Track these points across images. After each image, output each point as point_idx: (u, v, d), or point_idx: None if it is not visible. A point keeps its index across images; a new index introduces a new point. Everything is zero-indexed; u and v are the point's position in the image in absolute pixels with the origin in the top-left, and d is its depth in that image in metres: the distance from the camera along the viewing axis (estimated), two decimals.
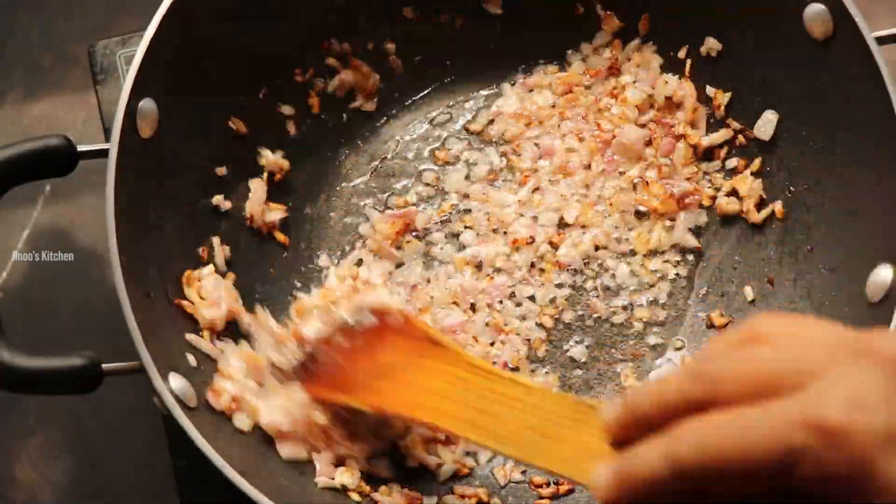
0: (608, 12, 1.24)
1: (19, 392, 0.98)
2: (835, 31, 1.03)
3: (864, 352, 0.60)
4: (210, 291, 1.10)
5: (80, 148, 1.02)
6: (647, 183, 1.20)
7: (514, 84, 1.27)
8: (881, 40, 1.01)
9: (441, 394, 0.94)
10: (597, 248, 1.19)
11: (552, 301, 1.17)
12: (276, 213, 1.20)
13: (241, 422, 1.04)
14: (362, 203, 1.24)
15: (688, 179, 1.20)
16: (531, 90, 1.26)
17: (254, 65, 1.18)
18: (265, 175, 1.20)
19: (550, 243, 1.19)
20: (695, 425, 0.61)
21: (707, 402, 0.61)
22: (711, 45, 1.18)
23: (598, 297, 1.18)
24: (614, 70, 1.25)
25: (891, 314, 0.94)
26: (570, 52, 1.27)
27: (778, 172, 1.16)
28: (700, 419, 0.61)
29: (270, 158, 1.20)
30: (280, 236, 1.20)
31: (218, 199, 1.16)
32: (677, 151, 1.20)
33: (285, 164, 1.21)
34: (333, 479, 1.03)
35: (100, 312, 1.24)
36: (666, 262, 1.19)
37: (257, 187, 1.19)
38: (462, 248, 1.20)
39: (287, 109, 1.23)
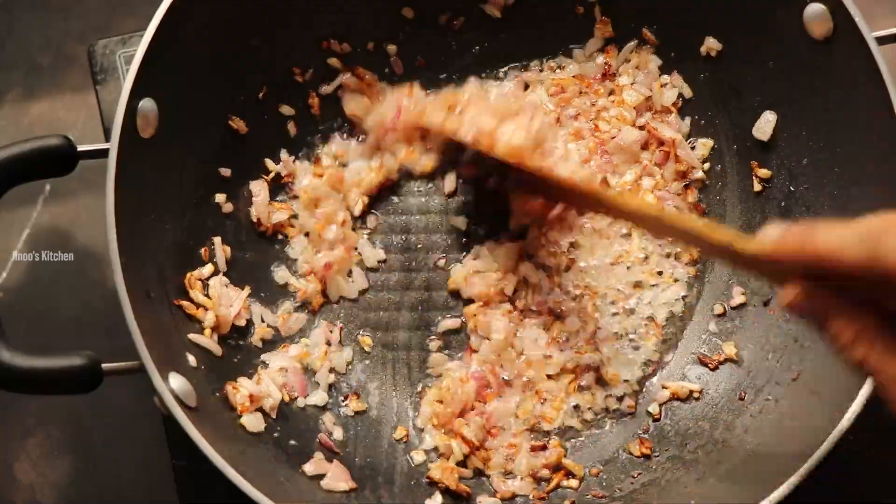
0: (604, 18, 1.24)
1: (19, 392, 0.98)
2: (835, 31, 1.03)
3: None
4: (219, 291, 1.10)
5: (80, 148, 1.02)
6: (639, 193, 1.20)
7: (507, 78, 1.27)
8: (881, 40, 1.01)
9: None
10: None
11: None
12: (282, 213, 1.20)
13: (252, 423, 1.05)
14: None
15: (679, 194, 1.21)
16: (526, 87, 1.26)
17: (253, 65, 1.18)
18: (269, 176, 1.21)
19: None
20: None
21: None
22: (711, 44, 1.18)
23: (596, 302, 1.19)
24: (608, 76, 1.25)
25: None
26: (561, 56, 1.27)
27: (778, 172, 1.16)
28: None
29: (280, 164, 1.21)
30: (291, 231, 1.21)
31: (220, 199, 1.16)
32: (668, 167, 1.21)
33: (294, 167, 1.22)
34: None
35: (100, 312, 1.24)
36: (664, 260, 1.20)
37: (260, 189, 1.19)
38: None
39: (287, 110, 1.23)
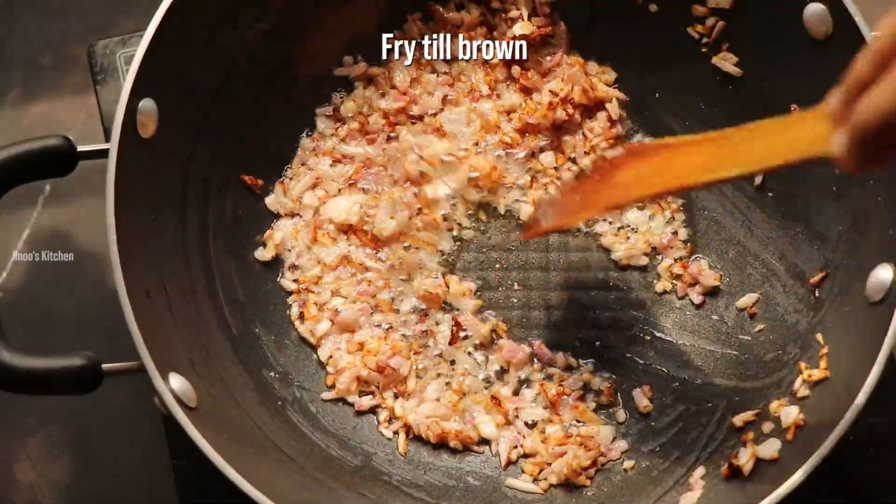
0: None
1: (19, 392, 0.98)
2: (835, 31, 1.03)
3: None
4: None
5: (80, 148, 1.02)
6: None
7: None
8: None
9: (677, 169, 0.98)
10: None
11: None
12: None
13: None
14: None
15: None
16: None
17: (254, 64, 1.18)
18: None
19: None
20: None
21: None
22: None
23: None
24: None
25: (891, 314, 0.94)
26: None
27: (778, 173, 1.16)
28: None
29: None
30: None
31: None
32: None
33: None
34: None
35: (100, 312, 1.24)
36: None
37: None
38: None
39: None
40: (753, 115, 1.15)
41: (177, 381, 0.97)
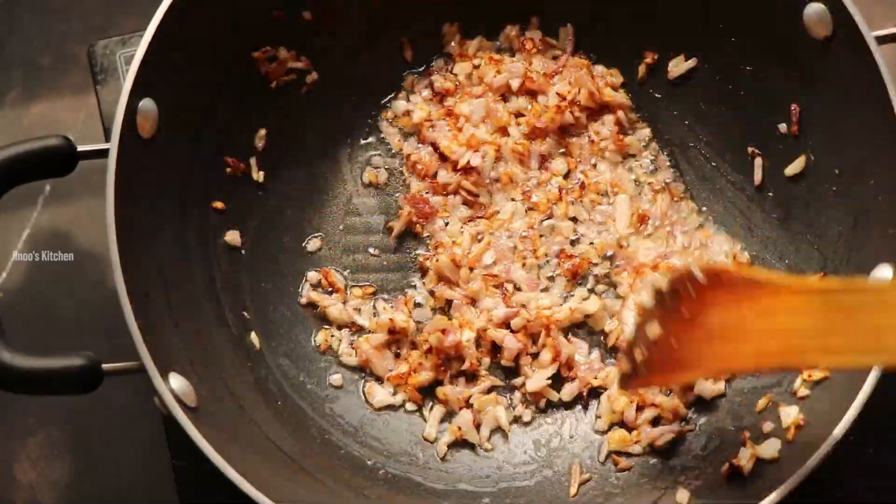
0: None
1: (19, 392, 0.98)
2: (835, 31, 1.03)
3: None
4: None
5: (80, 148, 1.02)
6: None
7: None
8: (881, 40, 1.01)
9: (780, 330, 0.87)
10: None
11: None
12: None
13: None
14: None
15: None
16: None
17: (256, 65, 1.18)
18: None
19: None
20: None
21: None
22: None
23: None
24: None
25: None
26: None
27: (777, 172, 1.16)
28: None
29: None
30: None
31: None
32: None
33: None
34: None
35: (100, 312, 1.24)
36: None
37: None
38: None
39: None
40: (753, 113, 1.17)
41: (177, 381, 0.97)
